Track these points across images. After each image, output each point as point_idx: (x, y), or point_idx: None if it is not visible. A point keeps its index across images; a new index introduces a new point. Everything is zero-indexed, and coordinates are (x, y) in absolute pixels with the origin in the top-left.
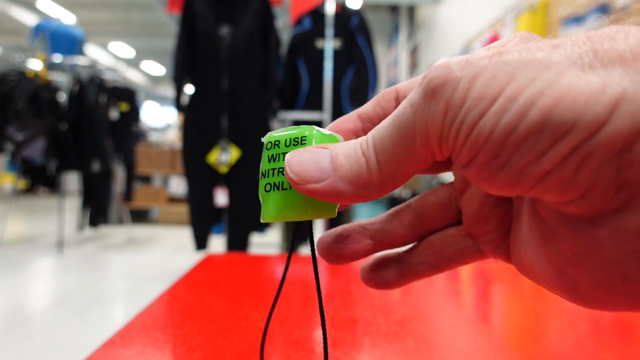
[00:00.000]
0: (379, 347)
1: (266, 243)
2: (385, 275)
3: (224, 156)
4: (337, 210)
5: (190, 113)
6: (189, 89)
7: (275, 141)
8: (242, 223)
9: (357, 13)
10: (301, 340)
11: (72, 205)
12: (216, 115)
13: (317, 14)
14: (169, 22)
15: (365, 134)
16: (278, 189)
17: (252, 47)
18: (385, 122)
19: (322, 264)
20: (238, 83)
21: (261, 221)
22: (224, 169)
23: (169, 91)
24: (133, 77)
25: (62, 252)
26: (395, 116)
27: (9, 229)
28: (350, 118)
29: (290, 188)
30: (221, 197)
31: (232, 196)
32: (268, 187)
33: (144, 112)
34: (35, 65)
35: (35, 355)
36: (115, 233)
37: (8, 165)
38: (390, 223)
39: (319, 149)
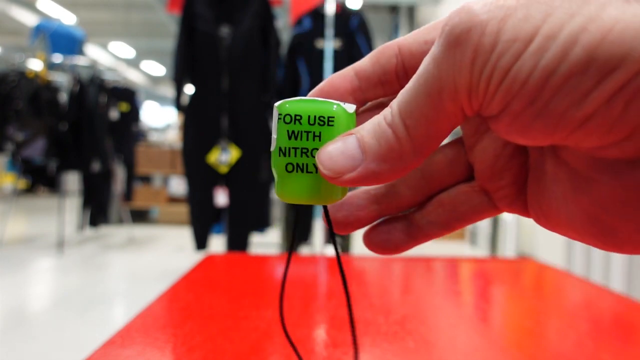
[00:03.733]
0: (379, 347)
1: (266, 243)
2: (392, 237)
3: (224, 156)
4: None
5: (190, 113)
6: (189, 89)
7: (295, 115)
8: (242, 223)
9: (357, 13)
10: (301, 341)
11: (72, 205)
12: (216, 115)
13: (317, 14)
14: (169, 22)
15: (363, 93)
16: (302, 171)
17: (252, 47)
18: (408, 85)
19: (324, 263)
20: (238, 83)
21: (278, 198)
22: (224, 169)
23: (169, 91)
24: (133, 77)
25: (62, 252)
26: (418, 75)
27: (9, 229)
28: (347, 76)
29: (316, 172)
30: (221, 197)
31: (232, 196)
32: (290, 168)
33: (144, 112)
34: (35, 65)
35: (35, 355)
36: (115, 233)
37: (8, 165)
38: (395, 186)
39: (345, 136)
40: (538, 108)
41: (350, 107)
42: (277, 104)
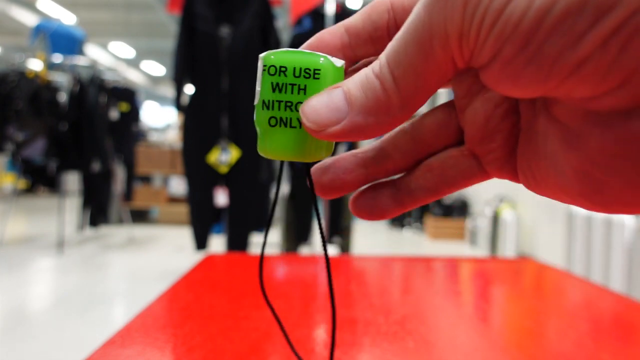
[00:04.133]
0: (379, 347)
1: (266, 243)
2: (379, 202)
3: (224, 156)
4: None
5: (190, 113)
6: (189, 89)
7: (280, 67)
8: (242, 223)
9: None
10: (301, 340)
11: (72, 205)
12: (216, 115)
13: (317, 14)
14: (169, 22)
15: (353, 50)
16: (286, 125)
17: (252, 47)
18: (397, 34)
19: (324, 263)
20: (238, 83)
21: (260, 153)
22: (224, 169)
23: (169, 91)
24: (133, 77)
25: (62, 252)
26: (407, 23)
27: (9, 229)
28: (337, 32)
29: (301, 127)
30: (221, 197)
31: (232, 196)
32: (273, 122)
33: (144, 112)
34: (35, 65)
35: (35, 355)
36: (115, 233)
37: (8, 165)
38: (384, 149)
39: (331, 89)
40: (531, 52)
41: (338, 62)
42: (262, 55)
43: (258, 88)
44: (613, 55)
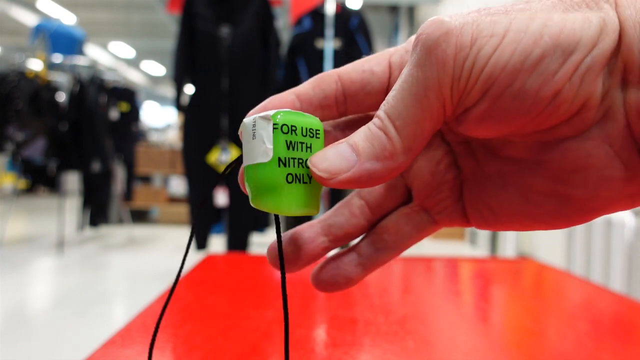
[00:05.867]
0: (379, 347)
1: (266, 243)
2: (343, 271)
3: (224, 156)
4: None
5: (190, 113)
6: (189, 89)
7: (291, 126)
8: (242, 223)
9: (357, 13)
10: (301, 340)
11: (72, 205)
12: (216, 115)
13: (317, 14)
14: (169, 22)
15: None
16: (300, 181)
17: (252, 48)
18: (392, 92)
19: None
20: (238, 83)
21: (284, 214)
22: (224, 169)
23: (169, 91)
24: (133, 77)
25: (62, 252)
26: (401, 82)
27: (9, 229)
28: (288, 98)
29: (311, 182)
30: (221, 197)
31: (232, 196)
32: (290, 178)
33: (144, 112)
34: (35, 65)
35: (35, 355)
36: (115, 233)
37: (8, 165)
38: (340, 215)
39: (337, 144)
40: (517, 88)
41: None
42: (268, 114)
43: (269, 145)
44: (576, 86)
